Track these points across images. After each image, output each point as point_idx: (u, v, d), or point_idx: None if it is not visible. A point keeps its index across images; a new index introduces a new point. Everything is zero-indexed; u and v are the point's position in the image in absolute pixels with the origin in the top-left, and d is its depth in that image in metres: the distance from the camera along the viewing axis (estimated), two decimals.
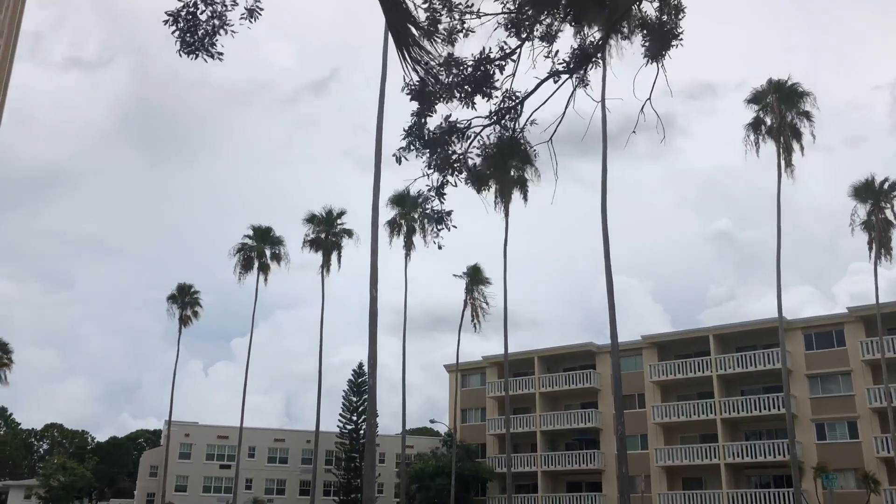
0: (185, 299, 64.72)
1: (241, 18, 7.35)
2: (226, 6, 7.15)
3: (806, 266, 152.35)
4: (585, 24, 7.88)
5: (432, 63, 7.03)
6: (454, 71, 7.17)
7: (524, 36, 7.37)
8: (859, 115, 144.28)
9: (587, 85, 7.80)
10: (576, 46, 7.75)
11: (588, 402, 59.02)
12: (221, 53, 7.21)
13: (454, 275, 58.21)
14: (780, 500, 47.12)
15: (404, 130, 7.59)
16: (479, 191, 9.24)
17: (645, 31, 8.14)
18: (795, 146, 43.84)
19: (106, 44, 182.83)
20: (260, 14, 7.39)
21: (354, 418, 68.22)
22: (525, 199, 51.57)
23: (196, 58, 7.20)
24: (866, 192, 45.67)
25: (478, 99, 7.42)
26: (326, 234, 59.89)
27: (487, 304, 57.87)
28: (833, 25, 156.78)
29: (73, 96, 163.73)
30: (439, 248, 8.53)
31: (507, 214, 51.52)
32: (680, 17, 7.76)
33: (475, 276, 58.17)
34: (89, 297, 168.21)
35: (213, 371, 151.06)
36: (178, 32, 7.11)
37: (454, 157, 7.89)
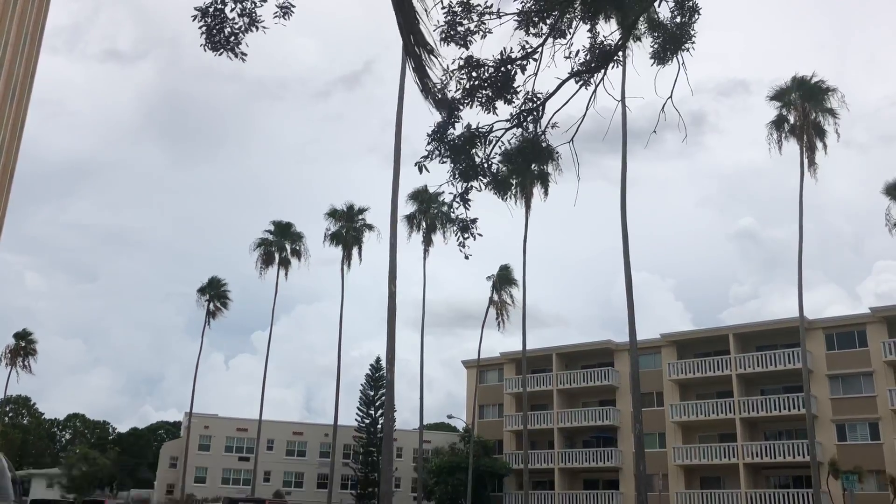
0: (213, 292, 65.28)
1: (275, 17, 7.31)
2: (255, 3, 7.11)
3: (831, 265, 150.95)
4: (602, 20, 7.86)
5: (443, 74, 6.99)
6: (474, 74, 7.15)
7: (544, 32, 7.36)
8: (895, 113, 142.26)
9: (601, 83, 7.76)
10: (595, 45, 7.74)
11: (606, 400, 58.88)
12: (245, 54, 7.21)
13: (487, 277, 58.48)
14: (799, 500, 46.78)
15: (428, 136, 7.57)
16: (502, 197, 9.21)
17: (656, 33, 8.06)
18: (819, 144, 43.36)
19: (138, 37, 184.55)
20: (293, 12, 7.36)
21: (372, 412, 68.51)
22: (546, 193, 51.62)
23: (220, 55, 7.21)
24: None
25: (499, 104, 7.38)
26: (347, 228, 60.28)
27: (513, 304, 58.06)
28: (871, 20, 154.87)
29: (103, 90, 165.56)
30: (466, 258, 8.45)
31: (527, 209, 51.60)
32: (694, 18, 7.70)
33: (504, 277, 58.24)
34: (113, 289, 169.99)
35: (235, 364, 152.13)
36: (204, 28, 7.10)
37: (476, 163, 7.86)
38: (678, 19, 7.77)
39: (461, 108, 7.35)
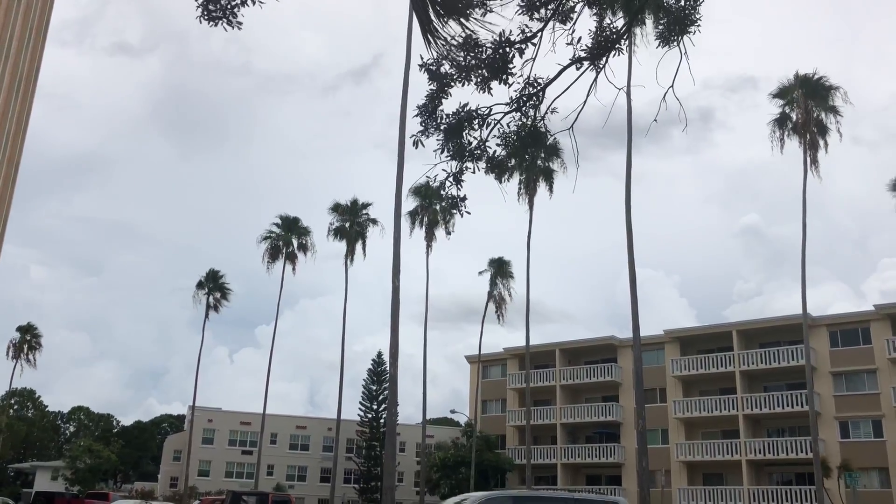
0: (212, 285, 65.36)
1: None
2: None
3: (837, 263, 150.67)
4: (607, 7, 7.86)
5: (451, 43, 7.04)
6: (472, 53, 7.16)
7: (546, 16, 7.36)
8: None
9: (602, 70, 7.75)
10: (598, 32, 7.74)
11: (609, 396, 58.89)
12: (241, 23, 7.26)
13: (479, 272, 58.54)
14: (802, 497, 46.76)
15: (417, 108, 7.62)
16: (499, 180, 9.25)
17: (661, 16, 8.04)
18: (821, 142, 43.16)
19: (146, 30, 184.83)
20: None
21: (374, 407, 68.64)
22: (551, 190, 51.52)
23: (216, 25, 7.23)
24: None
25: (495, 85, 7.41)
26: (351, 223, 60.34)
27: (511, 296, 58.09)
28: (882, 16, 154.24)
29: (110, 83, 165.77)
30: (448, 233, 8.55)
31: (531, 206, 51.52)
32: (699, 1, 7.67)
33: (500, 269, 58.27)
34: (119, 282, 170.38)
35: (239, 358, 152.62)
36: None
37: (473, 144, 7.88)
38: (682, 2, 7.76)
39: (453, 84, 7.38)
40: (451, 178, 7.77)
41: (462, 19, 6.89)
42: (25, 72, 46.74)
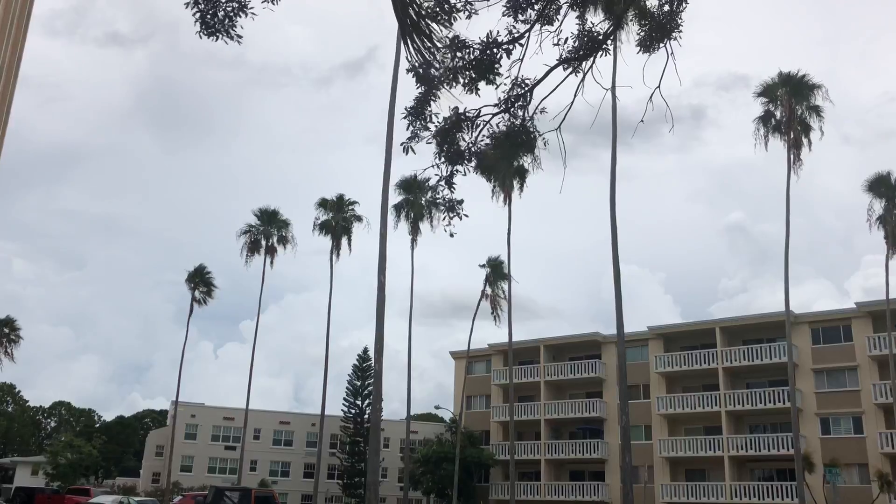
0: (198, 279, 64.71)
1: (264, 1, 7.25)
2: None
3: (821, 260, 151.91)
4: (591, 8, 7.83)
5: (437, 46, 6.99)
6: (459, 54, 7.13)
7: (532, 18, 7.32)
8: (892, 109, 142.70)
9: (588, 72, 7.73)
10: (584, 33, 7.70)
11: (593, 392, 59.07)
12: (241, 36, 7.19)
13: (480, 265, 58.13)
14: (783, 493, 47.13)
15: (406, 109, 7.58)
16: (489, 179, 9.26)
17: (643, 21, 8.03)
18: (804, 141, 43.37)
19: (138, 20, 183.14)
20: None
21: (359, 402, 68.52)
22: (521, 189, 51.50)
23: (217, 39, 7.16)
24: (881, 186, 45.16)
25: (483, 85, 7.38)
26: (337, 218, 60.05)
27: (503, 296, 57.93)
28: (876, 15, 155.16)
29: (98, 74, 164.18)
30: (451, 235, 8.53)
31: (509, 203, 51.49)
32: (682, 7, 7.64)
33: (496, 270, 57.96)
34: (102, 276, 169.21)
35: (223, 353, 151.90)
36: (198, 14, 7.08)
37: (463, 147, 7.87)
38: (666, 7, 7.73)
39: (442, 86, 7.36)
40: (443, 182, 7.74)
41: (444, 24, 6.83)
42: (7, 63, 46.11)
